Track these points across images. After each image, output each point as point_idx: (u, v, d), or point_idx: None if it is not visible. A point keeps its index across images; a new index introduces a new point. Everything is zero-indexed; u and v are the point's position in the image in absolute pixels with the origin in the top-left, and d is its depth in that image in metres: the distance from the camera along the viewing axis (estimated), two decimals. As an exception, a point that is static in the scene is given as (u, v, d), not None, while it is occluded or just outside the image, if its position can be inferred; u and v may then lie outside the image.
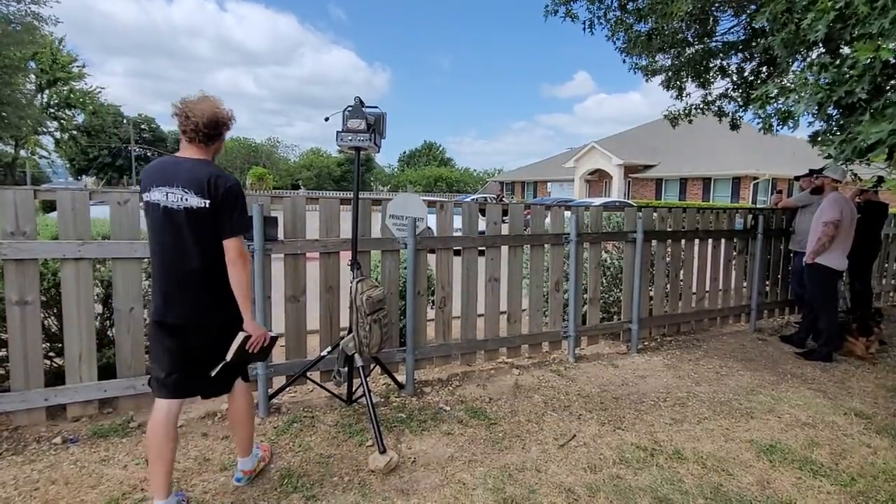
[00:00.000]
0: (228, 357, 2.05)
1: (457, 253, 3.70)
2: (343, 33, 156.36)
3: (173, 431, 2.07)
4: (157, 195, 1.96)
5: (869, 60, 2.48)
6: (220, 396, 2.28)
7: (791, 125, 3.47)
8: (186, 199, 1.94)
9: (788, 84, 3.08)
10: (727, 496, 2.39)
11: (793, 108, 2.98)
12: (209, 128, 1.99)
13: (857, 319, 4.65)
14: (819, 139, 3.33)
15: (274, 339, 2.22)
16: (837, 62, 2.70)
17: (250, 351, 2.10)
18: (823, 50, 3.27)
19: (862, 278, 5.44)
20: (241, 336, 2.06)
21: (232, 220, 2.00)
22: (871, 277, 5.67)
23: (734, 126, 6.24)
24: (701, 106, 6.24)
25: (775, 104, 3.42)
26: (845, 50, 2.87)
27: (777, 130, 3.67)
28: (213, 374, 2.07)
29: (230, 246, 2.00)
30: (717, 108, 6.20)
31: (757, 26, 3.86)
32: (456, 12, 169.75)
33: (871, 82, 2.56)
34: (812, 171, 5.04)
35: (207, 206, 1.95)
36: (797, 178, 5.41)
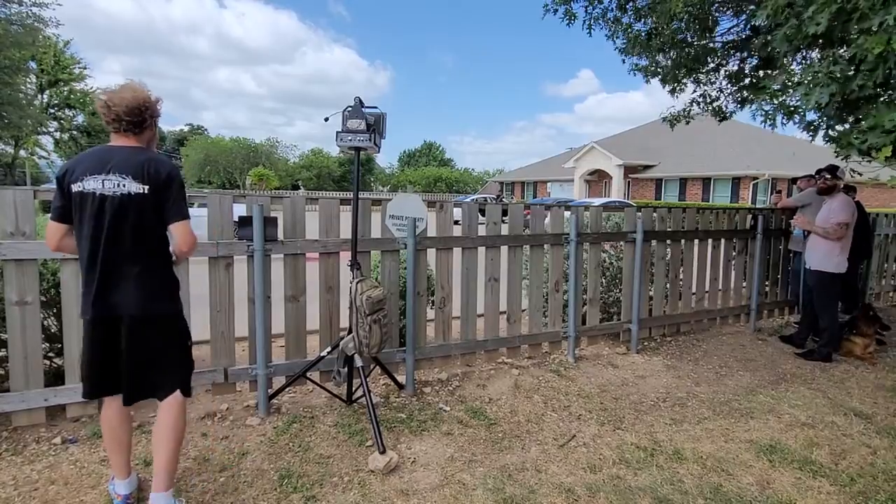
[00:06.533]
0: None
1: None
2: (344, 31, 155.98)
3: (127, 419, 2.12)
4: (91, 184, 1.89)
5: (880, 52, 2.47)
6: (219, 398, 2.25)
7: (797, 120, 3.46)
8: (124, 186, 1.90)
9: (795, 78, 3.07)
10: (727, 496, 2.39)
11: (799, 103, 2.96)
12: (131, 115, 1.94)
13: (857, 320, 4.65)
14: (828, 130, 3.30)
15: None
16: (849, 56, 2.69)
17: None
18: (824, 47, 3.26)
19: (846, 277, 5.44)
20: None
21: (177, 205, 1.98)
22: (858, 277, 5.71)
23: (723, 118, 6.20)
24: (698, 100, 6.22)
25: (781, 98, 3.40)
26: (843, 49, 2.87)
27: (783, 124, 3.66)
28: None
29: (178, 231, 1.98)
30: (714, 107, 6.18)
31: (757, 24, 3.86)
32: (459, 10, 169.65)
33: (885, 74, 2.56)
34: (819, 172, 5.04)
35: (147, 191, 1.92)
36: (794, 181, 5.40)
